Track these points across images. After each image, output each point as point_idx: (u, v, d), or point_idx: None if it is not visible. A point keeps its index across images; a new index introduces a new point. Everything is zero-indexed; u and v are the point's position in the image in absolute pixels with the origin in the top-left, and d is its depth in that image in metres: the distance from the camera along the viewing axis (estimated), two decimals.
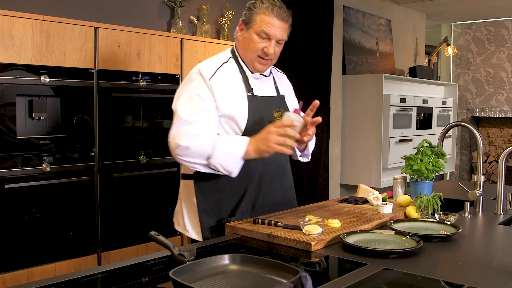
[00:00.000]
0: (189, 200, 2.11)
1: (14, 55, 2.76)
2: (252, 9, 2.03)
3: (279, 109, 2.13)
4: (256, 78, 2.11)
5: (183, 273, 1.34)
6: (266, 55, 2.04)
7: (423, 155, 2.32)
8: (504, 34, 7.60)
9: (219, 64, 2.06)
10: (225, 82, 2.02)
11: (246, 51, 2.06)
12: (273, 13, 2.00)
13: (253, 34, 2.02)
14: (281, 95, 2.20)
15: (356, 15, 5.55)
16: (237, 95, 2.03)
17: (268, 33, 2.01)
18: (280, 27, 2.03)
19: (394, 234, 1.78)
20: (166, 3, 3.93)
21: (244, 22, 2.07)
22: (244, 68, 2.10)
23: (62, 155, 2.98)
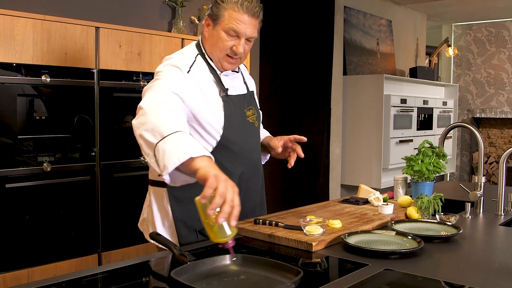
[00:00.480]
0: (162, 210, 1.95)
1: (15, 55, 2.76)
2: (219, 3, 1.87)
3: (250, 107, 2.03)
4: (226, 75, 1.98)
5: (184, 273, 1.34)
6: (235, 54, 1.90)
7: (424, 156, 2.32)
8: (504, 35, 7.60)
9: (191, 61, 1.90)
10: (199, 81, 1.87)
11: (214, 49, 1.91)
12: (243, 9, 1.85)
13: (221, 31, 1.87)
14: (251, 92, 2.09)
15: (357, 16, 5.55)
16: (211, 96, 1.89)
17: (237, 31, 1.86)
18: (250, 23, 1.87)
19: (395, 235, 1.78)
20: (167, 3, 3.93)
21: (211, 17, 1.91)
22: (213, 66, 1.94)
23: (63, 155, 2.98)
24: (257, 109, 2.10)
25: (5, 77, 2.73)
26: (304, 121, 4.76)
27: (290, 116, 4.82)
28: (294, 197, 4.72)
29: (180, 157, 1.46)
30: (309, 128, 4.75)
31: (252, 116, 2.02)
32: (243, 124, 1.98)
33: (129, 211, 3.31)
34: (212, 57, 1.94)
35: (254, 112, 2.05)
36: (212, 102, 1.89)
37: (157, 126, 1.56)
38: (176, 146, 1.49)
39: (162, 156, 1.50)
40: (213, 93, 1.91)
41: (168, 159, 1.47)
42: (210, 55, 1.94)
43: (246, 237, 1.85)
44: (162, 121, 1.57)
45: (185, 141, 1.51)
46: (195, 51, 1.96)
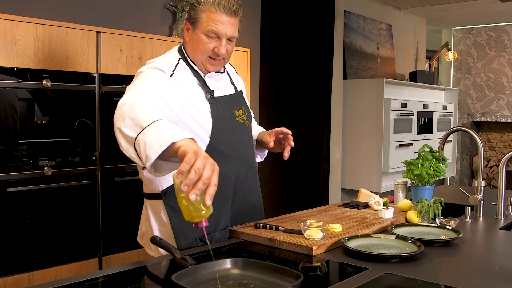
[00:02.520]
0: (160, 222, 1.92)
1: (16, 59, 2.77)
2: (196, 6, 1.83)
3: (239, 107, 2.00)
4: (211, 77, 1.94)
5: (185, 277, 1.35)
6: (217, 55, 1.87)
7: (423, 160, 2.33)
8: (504, 39, 7.62)
9: (174, 64, 1.87)
10: (183, 85, 1.85)
11: (195, 52, 1.88)
12: (220, 9, 1.81)
13: (200, 34, 1.84)
14: (239, 91, 2.06)
15: (357, 20, 5.57)
16: (197, 99, 1.86)
17: (217, 32, 1.82)
18: (230, 23, 1.83)
19: (395, 239, 1.78)
20: (168, 7, 3.94)
21: (189, 21, 1.87)
22: (196, 69, 1.92)
23: (63, 159, 2.99)
24: (247, 109, 2.07)
25: (6, 81, 2.74)
26: (305, 125, 4.77)
27: (290, 120, 4.82)
28: (294, 201, 4.72)
29: (161, 144, 1.40)
30: (309, 132, 4.75)
31: (242, 116, 2.00)
32: (233, 125, 1.95)
33: (129, 215, 3.31)
34: (194, 60, 1.91)
35: (244, 111, 2.02)
36: (198, 105, 1.86)
37: (135, 120, 1.50)
38: (157, 135, 1.43)
39: (143, 147, 1.44)
40: (199, 96, 1.88)
41: (149, 149, 1.42)
42: (192, 58, 1.91)
43: (247, 241, 1.86)
44: (140, 113, 1.51)
45: (165, 127, 1.45)
46: (177, 55, 1.93)
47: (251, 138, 2.10)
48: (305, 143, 4.74)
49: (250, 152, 2.07)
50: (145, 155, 1.43)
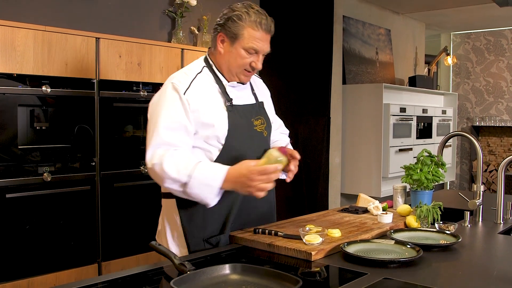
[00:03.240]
0: (172, 220, 2.00)
1: (16, 65, 2.78)
2: (237, 21, 1.91)
3: (259, 117, 2.06)
4: (233, 86, 2.01)
5: (184, 283, 1.35)
6: (253, 69, 1.97)
7: (422, 165, 2.33)
8: (503, 44, 7.64)
9: (193, 76, 1.95)
10: (201, 94, 1.93)
11: (231, 64, 1.96)
12: (262, 28, 1.91)
13: (240, 49, 1.92)
14: (260, 102, 2.12)
15: (356, 25, 5.58)
16: (215, 106, 1.94)
17: (257, 49, 1.93)
18: (267, 40, 1.96)
19: (394, 244, 1.78)
20: (167, 13, 3.96)
21: (227, 34, 1.94)
22: (220, 77, 1.99)
23: (63, 164, 2.99)
24: (267, 119, 2.12)
25: (6, 87, 2.75)
26: (304, 130, 4.77)
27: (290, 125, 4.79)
28: (294, 206, 4.72)
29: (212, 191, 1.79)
30: (308, 137, 4.76)
31: (260, 125, 2.05)
32: (250, 133, 2.00)
33: (129, 221, 3.31)
34: (227, 70, 1.99)
35: (263, 122, 2.07)
36: (216, 112, 1.93)
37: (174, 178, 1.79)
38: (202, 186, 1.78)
39: (198, 197, 1.81)
40: (218, 103, 1.95)
41: (205, 198, 1.80)
42: (221, 67, 2.00)
43: (246, 247, 1.86)
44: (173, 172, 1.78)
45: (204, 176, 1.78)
46: (201, 64, 2.02)
47: (267, 146, 2.12)
48: (305, 148, 4.74)
49: None
50: (204, 202, 1.82)
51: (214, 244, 1.93)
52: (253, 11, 1.92)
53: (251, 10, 1.92)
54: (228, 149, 1.93)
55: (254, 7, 1.95)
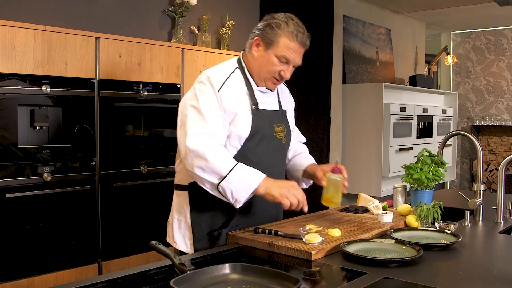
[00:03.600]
0: (181, 212, 2.06)
1: (16, 65, 2.78)
2: (275, 28, 1.97)
3: (280, 124, 2.11)
4: (261, 91, 2.07)
5: (184, 283, 1.35)
6: (281, 78, 2.03)
7: (423, 164, 2.33)
8: (503, 43, 7.63)
9: (227, 75, 2.01)
10: (232, 94, 1.98)
11: (261, 69, 2.02)
12: (297, 40, 1.97)
13: (273, 56, 1.98)
14: (283, 110, 2.17)
15: (356, 25, 5.58)
16: (242, 108, 1.98)
17: (289, 59, 1.98)
18: (300, 52, 2.01)
19: (394, 243, 1.78)
20: (167, 13, 3.95)
21: (263, 39, 1.99)
22: (251, 80, 2.05)
23: (63, 164, 2.99)
24: (288, 127, 2.17)
25: (6, 87, 2.75)
26: (304, 129, 4.74)
27: None
28: None
29: (247, 190, 1.84)
30: (309, 137, 4.72)
31: (280, 132, 2.10)
32: (269, 138, 2.05)
33: (129, 220, 3.31)
34: (256, 75, 2.04)
35: (284, 129, 2.12)
36: (242, 114, 1.97)
37: (213, 168, 1.83)
38: (239, 183, 1.83)
39: (230, 194, 1.84)
40: (244, 105, 2.00)
41: (238, 195, 1.84)
42: (252, 71, 2.05)
43: (246, 246, 1.86)
44: (215, 162, 1.83)
45: (243, 174, 1.84)
46: (234, 64, 2.07)
47: (284, 154, 2.22)
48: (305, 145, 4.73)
49: (280, 167, 2.16)
50: (234, 199, 1.85)
51: (215, 236, 1.97)
52: (292, 23, 1.98)
53: (291, 21, 1.98)
54: (246, 150, 1.98)
55: (294, 19, 2.01)
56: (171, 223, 2.10)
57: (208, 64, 3.76)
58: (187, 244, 2.02)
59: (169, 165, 3.52)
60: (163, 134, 3.52)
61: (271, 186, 1.83)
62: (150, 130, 3.45)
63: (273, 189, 1.83)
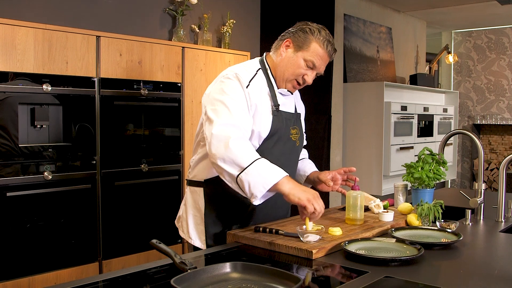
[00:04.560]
0: (196, 208, 2.08)
1: (16, 64, 2.78)
2: (308, 33, 2.02)
3: (295, 127, 2.14)
4: (282, 94, 2.10)
5: (185, 281, 1.34)
6: (304, 82, 2.06)
7: (424, 163, 2.33)
8: (504, 42, 7.62)
9: (254, 73, 2.03)
10: (257, 93, 2.00)
11: (286, 69, 2.04)
12: (327, 49, 2.02)
13: (301, 58, 2.01)
14: (298, 113, 2.22)
15: (357, 24, 5.57)
16: (264, 109, 2.01)
17: (315, 65, 2.02)
18: (326, 62, 2.06)
19: (395, 242, 1.78)
20: (168, 12, 3.95)
21: (294, 42, 2.03)
22: (273, 81, 2.07)
23: (63, 163, 2.99)
24: (301, 130, 2.23)
25: (6, 85, 2.75)
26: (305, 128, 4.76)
27: None
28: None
29: (265, 185, 1.77)
30: (309, 136, 4.72)
31: (295, 135, 2.14)
32: (285, 140, 2.09)
33: (130, 219, 3.31)
34: (279, 76, 2.06)
35: (298, 132, 2.17)
36: (263, 114, 1.99)
37: (234, 159, 1.78)
38: (258, 176, 1.76)
39: (247, 186, 1.78)
40: (266, 106, 2.02)
41: (254, 189, 1.77)
42: (275, 71, 2.07)
43: (246, 245, 1.85)
44: (237, 153, 1.79)
45: (264, 169, 1.78)
46: (257, 65, 2.09)
47: (297, 156, 2.25)
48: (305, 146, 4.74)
49: (292, 168, 2.18)
50: (250, 193, 1.78)
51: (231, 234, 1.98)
52: (324, 32, 2.04)
53: (323, 31, 2.05)
54: (263, 149, 1.99)
55: (326, 30, 2.07)
56: (185, 219, 2.12)
57: (209, 63, 3.76)
58: (202, 240, 2.05)
59: (170, 163, 3.53)
60: (164, 133, 3.52)
61: (296, 188, 1.79)
62: (150, 129, 3.44)
63: (298, 191, 1.78)
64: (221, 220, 2.04)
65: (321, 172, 2.27)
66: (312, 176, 2.29)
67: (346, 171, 2.25)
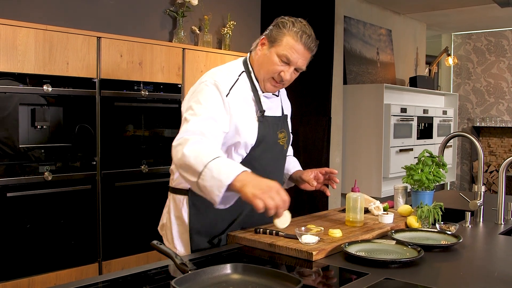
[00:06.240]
0: (179, 217, 1.98)
1: (17, 64, 2.78)
2: (280, 28, 1.92)
3: (282, 130, 2.06)
4: (267, 97, 2.01)
5: (185, 283, 1.35)
6: (281, 80, 1.94)
7: (423, 165, 2.33)
8: (504, 44, 7.63)
9: (234, 80, 1.93)
10: (239, 101, 1.90)
11: (261, 68, 1.95)
12: (301, 40, 1.89)
13: (274, 54, 1.91)
14: (285, 115, 2.14)
15: (357, 25, 5.58)
16: (248, 116, 1.93)
17: (290, 59, 1.90)
18: (304, 55, 1.93)
19: (395, 244, 1.78)
20: (168, 13, 3.96)
21: (268, 38, 1.94)
22: (257, 85, 1.98)
23: (64, 164, 2.99)
24: (289, 133, 2.14)
25: (7, 86, 2.75)
26: (305, 130, 4.77)
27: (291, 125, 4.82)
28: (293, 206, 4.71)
29: (219, 189, 1.58)
30: (309, 137, 4.75)
31: (283, 139, 2.06)
32: (273, 146, 2.01)
33: (130, 220, 3.31)
34: (257, 76, 1.97)
35: (285, 135, 2.09)
36: (247, 121, 1.91)
37: (190, 165, 1.64)
38: (212, 180, 1.59)
39: (206, 192, 1.62)
40: (250, 112, 1.94)
41: (211, 194, 1.60)
42: (257, 73, 1.98)
43: (247, 246, 1.86)
44: (191, 159, 1.65)
45: (217, 169, 1.60)
46: (240, 67, 2.00)
47: (284, 159, 2.17)
48: (305, 147, 4.74)
49: (280, 172, 2.13)
50: (210, 198, 1.62)
51: (215, 244, 1.93)
52: (300, 24, 1.92)
53: (298, 23, 1.93)
54: (251, 159, 1.92)
55: (303, 22, 1.96)
56: (169, 228, 2.02)
57: (209, 64, 3.76)
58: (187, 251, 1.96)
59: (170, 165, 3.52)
60: (164, 134, 3.52)
61: (249, 183, 1.55)
62: (151, 130, 3.45)
63: (248, 187, 1.54)
64: (207, 231, 1.94)
65: (303, 172, 2.18)
66: (295, 175, 2.21)
67: (328, 172, 2.16)
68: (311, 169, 2.19)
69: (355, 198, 2.06)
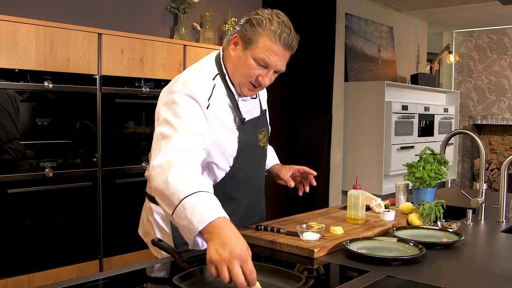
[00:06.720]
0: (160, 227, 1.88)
1: (18, 61, 2.78)
2: (255, 26, 1.70)
3: (262, 129, 1.93)
4: (244, 100, 1.85)
5: (186, 279, 1.34)
6: (259, 84, 1.75)
7: (425, 163, 2.33)
8: (505, 42, 7.62)
9: (210, 88, 1.73)
10: (218, 111, 1.74)
11: (237, 72, 1.75)
12: (280, 41, 1.68)
13: (250, 58, 1.71)
14: (263, 111, 1.98)
15: (358, 23, 5.57)
16: (228, 126, 1.77)
17: (268, 63, 1.71)
18: (283, 56, 1.73)
19: (397, 242, 1.78)
20: (170, 9, 3.95)
21: (241, 38, 1.73)
22: (233, 89, 1.79)
23: (64, 160, 2.99)
24: (267, 128, 2.01)
25: (8, 82, 2.74)
26: (305, 127, 4.76)
27: (291, 122, 4.82)
28: (294, 203, 4.71)
29: (191, 232, 1.38)
30: (310, 135, 4.75)
31: (263, 139, 1.94)
32: (255, 150, 1.90)
33: (130, 217, 3.31)
34: (233, 80, 1.78)
35: (265, 134, 1.96)
36: (227, 133, 1.77)
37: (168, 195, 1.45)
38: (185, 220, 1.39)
39: (180, 230, 1.45)
40: (229, 121, 1.78)
41: (184, 234, 1.42)
42: (232, 76, 1.78)
43: (248, 244, 1.85)
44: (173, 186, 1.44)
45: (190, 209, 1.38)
46: (214, 71, 1.79)
47: (265, 158, 2.04)
48: (306, 145, 4.74)
49: (262, 172, 2.04)
50: (185, 236, 1.43)
51: None
52: (276, 21, 1.70)
53: (276, 19, 1.71)
54: (234, 170, 1.83)
55: (281, 16, 1.74)
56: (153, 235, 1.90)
57: None
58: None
59: None
60: None
61: (217, 238, 1.30)
62: (151, 127, 3.44)
63: (213, 243, 1.30)
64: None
65: (281, 168, 2.05)
66: (273, 170, 2.08)
67: (306, 171, 2.02)
68: (289, 166, 2.06)
69: (357, 196, 2.05)
